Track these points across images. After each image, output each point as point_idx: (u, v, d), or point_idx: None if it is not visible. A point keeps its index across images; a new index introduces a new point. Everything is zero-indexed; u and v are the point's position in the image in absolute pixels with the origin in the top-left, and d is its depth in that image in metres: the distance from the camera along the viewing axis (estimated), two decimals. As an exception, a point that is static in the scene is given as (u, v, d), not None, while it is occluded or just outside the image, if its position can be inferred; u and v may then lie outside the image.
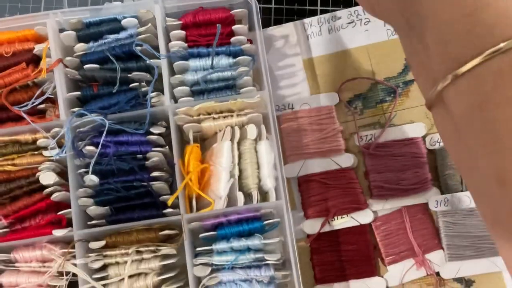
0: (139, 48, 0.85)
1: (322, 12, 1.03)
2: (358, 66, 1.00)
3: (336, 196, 0.95)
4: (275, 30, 1.01)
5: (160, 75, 0.86)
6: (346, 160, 0.96)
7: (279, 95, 0.99)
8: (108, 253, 0.83)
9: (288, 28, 1.02)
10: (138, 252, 0.83)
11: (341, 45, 1.01)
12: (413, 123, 0.98)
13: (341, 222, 0.95)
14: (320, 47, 1.01)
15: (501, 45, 0.37)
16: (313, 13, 1.03)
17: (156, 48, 0.87)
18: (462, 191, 0.93)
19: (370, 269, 0.94)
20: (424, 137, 0.97)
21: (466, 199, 0.93)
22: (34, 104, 0.86)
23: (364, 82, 1.00)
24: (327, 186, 0.96)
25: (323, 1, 1.04)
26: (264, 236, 0.83)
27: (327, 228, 0.94)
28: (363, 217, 0.95)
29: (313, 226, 0.95)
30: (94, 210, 0.84)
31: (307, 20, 1.01)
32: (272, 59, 1.00)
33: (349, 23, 1.01)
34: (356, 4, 1.02)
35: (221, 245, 0.83)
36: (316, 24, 1.01)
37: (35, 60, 0.89)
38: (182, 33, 0.88)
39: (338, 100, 0.98)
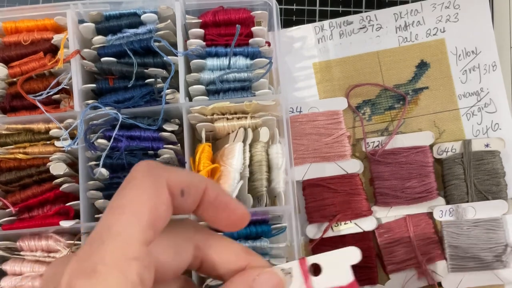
0: (157, 44, 0.79)
1: (344, 13, 0.96)
2: (367, 71, 0.93)
3: (340, 201, 0.88)
4: (292, 32, 0.94)
5: (176, 72, 0.80)
6: (352, 166, 0.89)
7: (288, 97, 0.91)
8: (114, 247, 0.75)
9: (300, 31, 0.94)
10: (143, 248, 0.75)
11: (351, 50, 0.93)
12: (421, 131, 0.90)
13: (344, 228, 0.88)
14: (331, 51, 0.93)
15: None
16: (335, 15, 0.96)
17: (174, 45, 0.81)
18: (467, 201, 0.86)
19: (372, 277, 0.87)
20: (431, 146, 0.89)
21: (471, 210, 0.86)
22: (49, 94, 0.80)
23: (373, 88, 0.92)
24: (331, 191, 0.89)
25: (345, 2, 0.96)
26: (271, 240, 0.76)
27: (329, 234, 0.87)
28: (367, 224, 0.87)
29: (316, 230, 0.88)
30: (102, 203, 0.78)
31: (318, 24, 0.94)
32: (285, 61, 0.93)
33: (361, 28, 0.94)
34: (379, 7, 0.95)
35: (227, 246, 0.74)
36: (327, 28, 0.94)
37: (53, 50, 0.83)
38: (201, 31, 0.82)
39: (347, 105, 0.91)
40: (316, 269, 0.40)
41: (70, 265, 0.32)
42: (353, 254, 0.40)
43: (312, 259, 0.40)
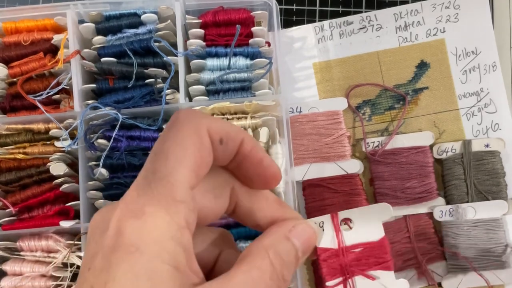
0: (157, 44, 0.78)
1: (344, 13, 0.95)
2: (367, 72, 0.92)
3: (340, 202, 0.87)
4: (292, 32, 0.94)
5: (176, 72, 0.80)
6: (352, 166, 0.89)
7: (288, 98, 0.91)
8: (114, 248, 0.75)
9: (300, 31, 0.94)
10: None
11: (351, 50, 0.93)
12: (421, 131, 0.90)
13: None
14: (331, 51, 0.93)
15: None
16: (335, 15, 0.95)
17: (174, 45, 0.80)
18: (467, 202, 0.85)
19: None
20: (431, 146, 0.89)
21: (471, 210, 0.85)
22: (49, 94, 0.80)
23: (373, 88, 0.92)
24: (331, 192, 0.88)
25: (345, 2, 0.96)
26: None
27: (329, 233, 0.86)
28: (367, 224, 0.86)
29: (316, 231, 0.86)
30: (102, 203, 0.78)
31: (318, 24, 0.93)
32: (285, 61, 0.92)
33: (361, 28, 0.93)
34: (379, 7, 0.94)
35: (227, 247, 0.74)
36: (327, 28, 0.93)
37: (53, 50, 0.83)
38: (201, 31, 0.82)
39: (347, 105, 0.90)
40: (348, 224, 0.41)
41: (118, 209, 0.33)
42: (385, 210, 0.40)
43: (344, 214, 0.41)
